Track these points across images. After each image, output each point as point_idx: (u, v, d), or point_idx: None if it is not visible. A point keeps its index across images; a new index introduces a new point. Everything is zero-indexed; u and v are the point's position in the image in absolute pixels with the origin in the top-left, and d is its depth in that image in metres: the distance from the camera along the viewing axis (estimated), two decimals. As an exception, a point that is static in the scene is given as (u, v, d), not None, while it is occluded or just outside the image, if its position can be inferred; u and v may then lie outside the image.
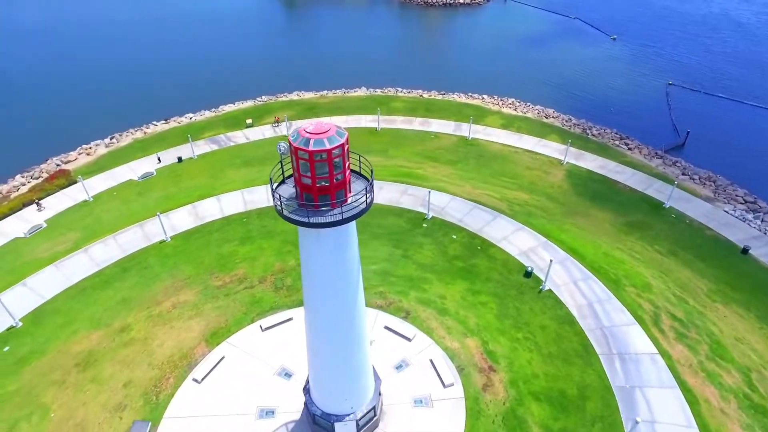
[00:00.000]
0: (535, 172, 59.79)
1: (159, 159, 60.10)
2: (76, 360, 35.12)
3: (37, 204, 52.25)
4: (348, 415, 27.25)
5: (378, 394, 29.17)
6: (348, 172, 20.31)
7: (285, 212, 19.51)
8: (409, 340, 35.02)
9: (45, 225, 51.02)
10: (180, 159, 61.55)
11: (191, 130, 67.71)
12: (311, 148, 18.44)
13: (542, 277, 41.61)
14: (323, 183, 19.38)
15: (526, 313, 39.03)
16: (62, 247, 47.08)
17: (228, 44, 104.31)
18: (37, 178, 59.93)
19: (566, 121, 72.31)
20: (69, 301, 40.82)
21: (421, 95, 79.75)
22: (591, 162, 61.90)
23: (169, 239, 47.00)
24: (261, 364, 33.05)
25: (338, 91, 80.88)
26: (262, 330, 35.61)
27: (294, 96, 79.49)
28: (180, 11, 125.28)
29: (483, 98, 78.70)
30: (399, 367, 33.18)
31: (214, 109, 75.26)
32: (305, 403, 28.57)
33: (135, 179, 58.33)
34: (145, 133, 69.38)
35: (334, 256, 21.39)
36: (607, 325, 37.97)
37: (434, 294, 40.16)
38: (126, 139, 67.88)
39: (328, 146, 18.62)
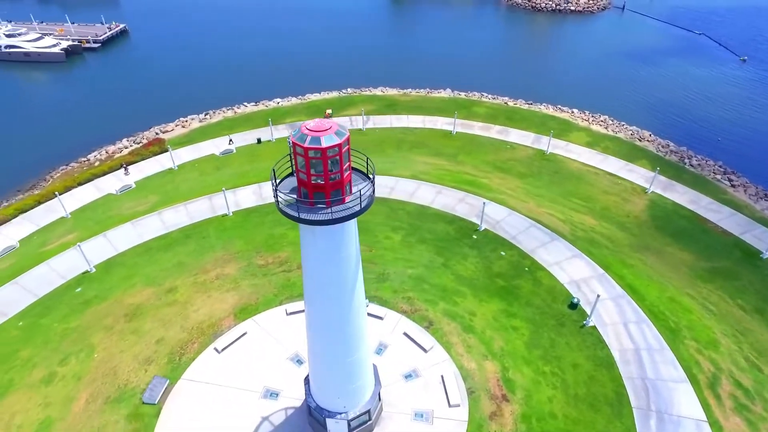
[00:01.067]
0: (612, 198, 55.11)
1: (231, 140, 64.07)
2: (126, 311, 38.85)
3: (125, 168, 58.24)
4: (340, 413, 27.30)
5: (377, 398, 28.89)
6: (347, 172, 20.10)
7: (281, 205, 19.83)
8: (425, 351, 34.15)
9: (134, 186, 56.84)
10: (259, 140, 65.16)
11: (275, 114, 71.52)
12: (307, 144, 18.51)
13: (588, 312, 38.36)
14: (318, 180, 19.40)
15: (560, 346, 36.29)
16: (142, 207, 52.09)
17: (328, 35, 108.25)
18: (138, 143, 66.78)
19: (662, 147, 65.71)
20: (135, 257, 45.14)
21: (506, 103, 76.88)
22: (681, 195, 55.71)
23: (231, 214, 50.05)
24: (277, 347, 34.19)
25: (422, 90, 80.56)
26: (287, 314, 36.75)
27: (378, 91, 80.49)
28: (292, 1, 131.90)
29: (572, 112, 74.00)
30: (408, 377, 32.51)
31: (300, 96, 78.59)
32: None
33: (216, 154, 62.83)
34: (235, 112, 74.37)
35: (328, 254, 21.41)
36: (652, 377, 34.14)
37: (464, 309, 38.73)
38: (217, 116, 73.30)
39: (323, 144, 18.54)
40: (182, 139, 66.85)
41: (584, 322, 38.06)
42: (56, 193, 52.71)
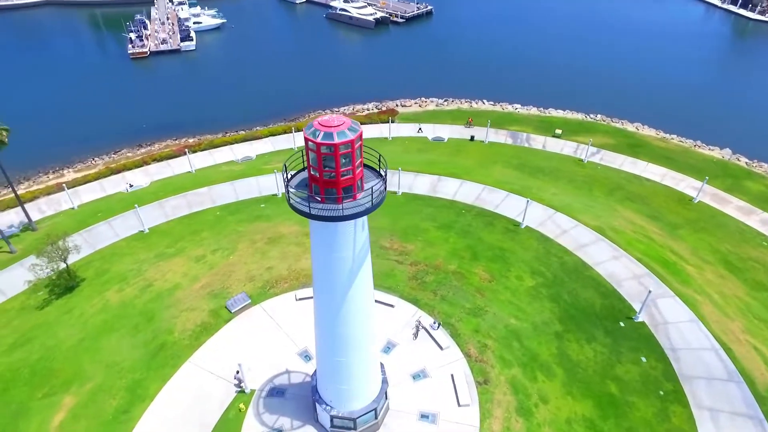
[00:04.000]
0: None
1: (420, 129, 66.60)
2: (272, 235, 46.45)
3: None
4: (327, 405, 27.60)
5: (383, 397, 28.00)
6: (358, 170, 19.42)
7: (291, 200, 19.74)
8: (458, 404, 30.70)
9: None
10: (472, 138, 65.23)
11: (503, 118, 70.12)
12: (318, 140, 18.54)
13: None
14: (328, 177, 19.23)
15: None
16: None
17: (628, 55, 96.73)
18: (377, 108, 75.19)
19: None
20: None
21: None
22: None
23: (400, 194, 52.78)
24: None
25: (688, 140, 66.09)
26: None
27: (631, 126, 69.91)
28: (618, 18, 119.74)
29: None
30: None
31: (541, 108, 74.38)
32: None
33: (428, 138, 65.90)
34: (470, 105, 75.70)
35: (329, 251, 21.52)
36: None
37: (539, 389, 32.59)
38: (452, 104, 76.04)
39: (336, 140, 18.36)
40: (411, 116, 72.07)
41: None
42: (293, 128, 64.64)
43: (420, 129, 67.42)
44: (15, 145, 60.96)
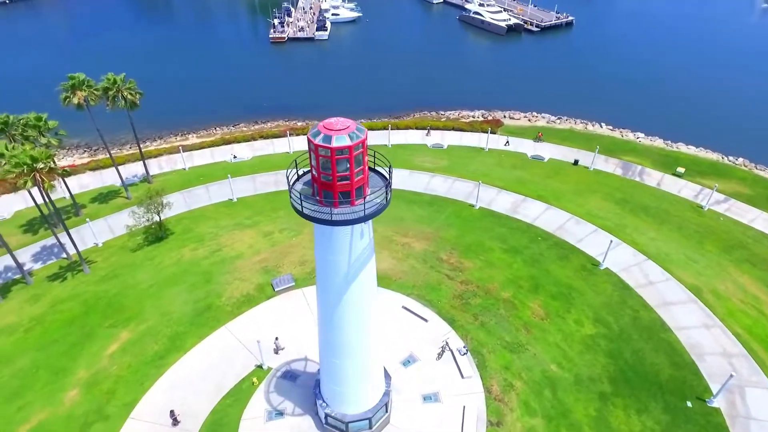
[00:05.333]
0: None
1: (507, 142, 63.47)
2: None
3: (429, 131, 65.80)
4: (323, 401, 27.89)
5: (382, 409, 27.64)
6: (356, 177, 19.11)
7: (292, 195, 19.90)
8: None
9: (429, 145, 63.98)
10: (576, 162, 60.24)
11: (618, 146, 63.88)
12: (316, 141, 18.60)
13: None
14: (325, 179, 19.25)
15: None
16: (429, 163, 58.95)
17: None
18: (483, 117, 72.89)
19: None
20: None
21: None
22: None
23: (477, 207, 51.00)
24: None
25: None
26: (402, 308, 37.11)
27: (758, 170, 59.40)
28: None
29: None
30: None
31: (669, 141, 66.04)
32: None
33: (527, 155, 62.38)
34: (585, 127, 69.93)
35: (324, 252, 21.58)
36: None
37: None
38: (564, 123, 71.03)
39: (332, 144, 18.37)
40: (515, 129, 68.69)
41: None
42: (389, 126, 65.49)
43: (507, 142, 64.11)
44: (158, 107, 70.61)
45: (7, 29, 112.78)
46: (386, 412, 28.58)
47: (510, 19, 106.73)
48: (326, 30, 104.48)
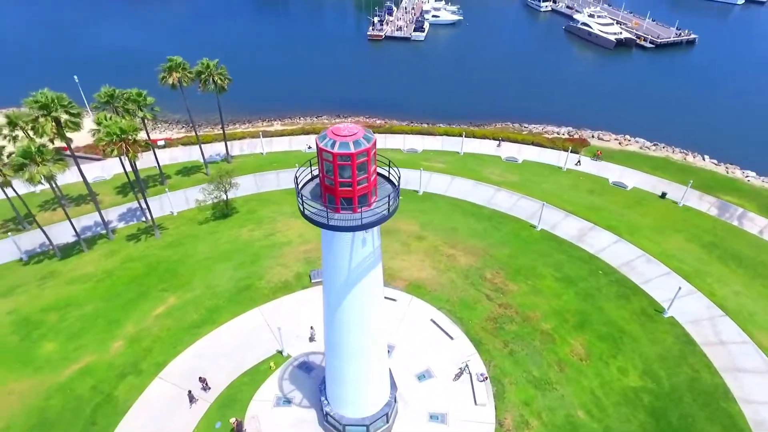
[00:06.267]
0: None
1: (579, 162, 60.18)
2: (384, 227, 47.69)
3: (500, 142, 63.83)
4: (324, 398, 28.20)
5: (382, 419, 27.51)
6: (359, 185, 18.91)
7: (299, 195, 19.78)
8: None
9: (502, 158, 61.40)
10: (663, 195, 54.81)
11: (719, 184, 57.35)
12: (321, 145, 18.61)
13: None
14: (328, 183, 19.28)
15: None
16: (494, 176, 56.96)
17: None
18: (570, 134, 68.82)
19: None
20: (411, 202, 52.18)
21: None
22: None
23: (538, 229, 48.42)
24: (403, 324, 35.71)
25: None
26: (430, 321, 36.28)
27: None
28: None
29: None
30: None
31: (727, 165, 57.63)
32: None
33: (608, 180, 57.90)
34: (684, 158, 63.30)
35: (326, 253, 21.72)
36: None
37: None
38: (660, 151, 65.15)
39: (333, 149, 18.31)
40: (602, 150, 63.95)
41: None
42: (463, 133, 63.99)
43: (579, 162, 60.12)
44: (252, 92, 75.53)
45: (130, 10, 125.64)
46: (387, 422, 28.16)
47: (621, 33, 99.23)
48: (423, 31, 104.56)
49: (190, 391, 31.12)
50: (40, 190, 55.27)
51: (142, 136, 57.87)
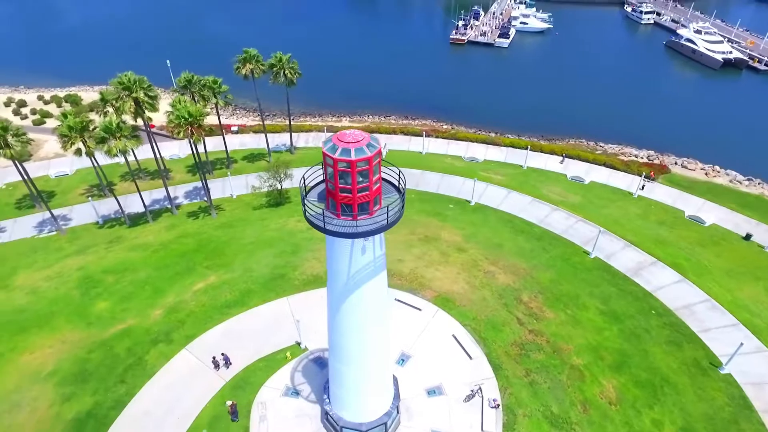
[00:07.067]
0: None
1: (643, 186, 55.55)
2: (427, 235, 47.05)
3: (564, 157, 60.52)
4: (326, 397, 28.44)
5: (380, 428, 27.42)
6: (359, 193, 18.76)
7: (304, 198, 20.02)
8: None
9: (569, 176, 57.89)
10: (748, 237, 49.11)
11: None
12: (325, 149, 18.56)
13: None
14: (330, 187, 19.32)
15: None
16: (554, 193, 54.15)
17: None
18: (650, 159, 63.72)
19: None
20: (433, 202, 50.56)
21: None
22: None
23: (592, 256, 45.45)
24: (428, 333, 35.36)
25: None
26: (453, 338, 35.27)
27: None
28: None
29: None
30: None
31: None
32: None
33: (684, 213, 52.95)
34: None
35: (328, 256, 21.76)
36: None
37: None
38: (755, 187, 58.47)
39: (334, 155, 18.27)
40: (682, 181, 58.71)
41: None
42: (527, 146, 61.46)
43: (643, 186, 55.43)
44: (327, 86, 77.76)
45: (233, 4, 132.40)
46: (386, 430, 27.81)
47: (730, 52, 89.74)
48: (508, 38, 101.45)
49: (214, 357, 32.90)
50: (123, 162, 60.73)
51: (213, 120, 62.17)
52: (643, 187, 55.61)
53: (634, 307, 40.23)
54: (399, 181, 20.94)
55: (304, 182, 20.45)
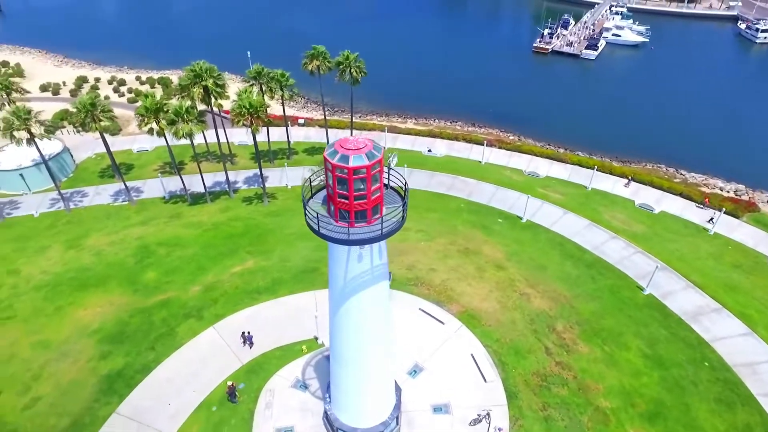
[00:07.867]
0: None
1: (711, 219, 50.77)
2: (467, 247, 45.70)
3: (629, 180, 56.95)
4: (326, 398, 28.58)
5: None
6: (356, 201, 18.56)
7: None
8: None
9: (636, 203, 53.39)
10: (841, 295, 42.75)
11: None
12: (326, 153, 18.51)
13: None
14: (329, 192, 19.26)
15: None
16: (612, 215, 50.43)
17: None
18: (727, 192, 57.72)
19: None
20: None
21: None
22: None
23: (646, 292, 41.94)
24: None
25: None
26: (472, 358, 33.97)
27: None
28: None
29: None
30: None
31: None
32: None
33: (764, 255, 47.20)
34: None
35: (330, 260, 21.75)
36: None
37: None
38: None
39: (332, 160, 18.17)
40: (765, 218, 52.24)
41: None
42: (595, 167, 57.53)
43: (711, 219, 50.22)
44: (400, 86, 77.95)
45: (321, 2, 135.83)
46: (382, 441, 27.40)
47: None
48: (597, 50, 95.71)
49: (243, 333, 34.64)
50: (197, 143, 64.92)
51: (278, 111, 64.44)
52: (711, 220, 50.29)
53: (685, 354, 36.45)
54: (404, 191, 20.37)
55: (310, 182, 20.57)
